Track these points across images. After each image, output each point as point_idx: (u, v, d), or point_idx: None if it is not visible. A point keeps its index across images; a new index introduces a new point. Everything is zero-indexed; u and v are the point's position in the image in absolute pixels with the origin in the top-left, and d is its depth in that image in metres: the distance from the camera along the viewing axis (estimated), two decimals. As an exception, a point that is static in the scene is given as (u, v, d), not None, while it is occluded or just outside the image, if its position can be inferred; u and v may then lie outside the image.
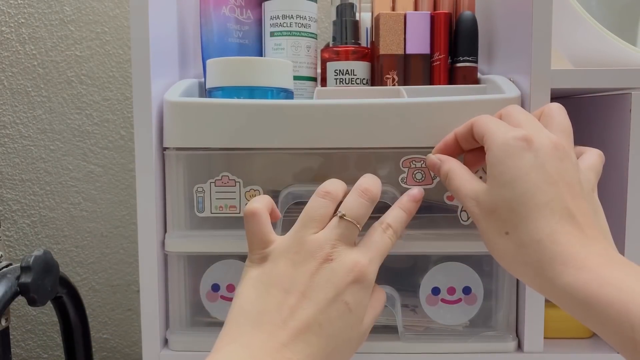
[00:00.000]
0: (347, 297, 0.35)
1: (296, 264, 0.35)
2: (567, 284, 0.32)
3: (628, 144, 0.46)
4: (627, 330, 0.29)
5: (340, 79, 0.53)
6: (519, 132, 0.35)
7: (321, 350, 0.34)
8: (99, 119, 0.83)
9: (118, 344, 0.89)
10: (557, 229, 0.33)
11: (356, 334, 0.36)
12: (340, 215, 0.37)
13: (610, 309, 0.30)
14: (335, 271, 0.35)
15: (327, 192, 0.38)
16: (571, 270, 0.32)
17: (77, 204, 0.85)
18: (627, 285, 0.30)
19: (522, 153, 0.35)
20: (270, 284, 0.35)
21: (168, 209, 0.47)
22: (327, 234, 0.36)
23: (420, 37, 0.53)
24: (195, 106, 0.44)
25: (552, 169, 0.34)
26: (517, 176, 0.35)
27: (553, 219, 0.33)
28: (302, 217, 0.37)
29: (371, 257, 0.37)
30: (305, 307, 0.34)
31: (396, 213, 0.39)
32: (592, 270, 0.31)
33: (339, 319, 0.35)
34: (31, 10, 0.82)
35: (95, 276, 0.87)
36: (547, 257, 0.33)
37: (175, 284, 0.48)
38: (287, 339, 0.33)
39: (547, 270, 0.33)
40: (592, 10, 0.53)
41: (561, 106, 0.39)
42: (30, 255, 0.58)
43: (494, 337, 0.47)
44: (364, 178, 0.39)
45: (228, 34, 0.54)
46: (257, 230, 0.37)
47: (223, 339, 0.34)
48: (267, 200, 0.39)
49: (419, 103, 0.44)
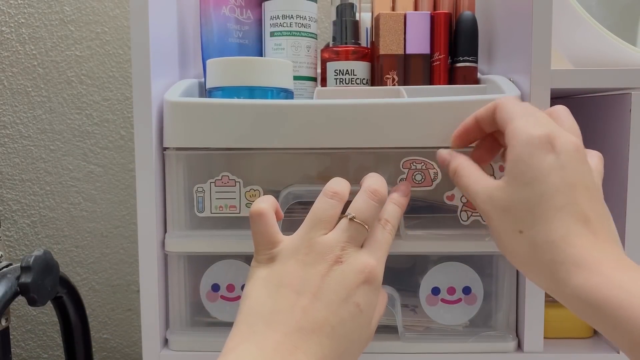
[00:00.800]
0: (358, 298, 0.35)
1: (306, 266, 0.35)
2: (579, 286, 0.32)
3: (628, 144, 0.46)
4: (637, 333, 0.29)
5: (340, 79, 0.53)
6: (544, 131, 0.35)
7: (333, 352, 0.34)
8: (99, 119, 0.83)
9: (118, 344, 0.89)
10: (572, 232, 0.33)
11: (365, 334, 0.36)
12: (350, 217, 0.37)
13: (620, 312, 0.30)
14: (345, 273, 0.35)
15: (335, 193, 0.37)
16: (583, 272, 0.32)
17: (77, 204, 0.85)
18: (638, 289, 0.30)
19: (545, 153, 0.34)
20: (280, 285, 0.35)
21: (168, 209, 0.47)
22: (336, 236, 0.36)
23: (420, 37, 0.53)
24: (195, 106, 0.44)
25: (572, 172, 0.34)
26: (537, 177, 0.34)
27: (569, 222, 0.33)
28: (311, 218, 0.37)
29: (379, 257, 0.37)
30: (318, 308, 0.34)
31: (391, 208, 0.40)
32: (604, 274, 0.31)
33: (350, 320, 0.35)
34: (31, 10, 0.82)
35: (95, 276, 0.87)
36: (560, 258, 0.33)
37: (175, 284, 0.48)
38: (300, 341, 0.33)
39: (559, 272, 0.33)
40: (592, 10, 0.53)
41: (567, 109, 0.39)
42: (30, 255, 0.58)
43: (494, 337, 0.47)
44: (371, 178, 0.39)
45: (228, 34, 0.54)
46: (264, 231, 0.37)
47: (234, 338, 0.34)
48: (272, 201, 0.39)
49: (419, 103, 0.44)
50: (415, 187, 0.45)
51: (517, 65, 0.47)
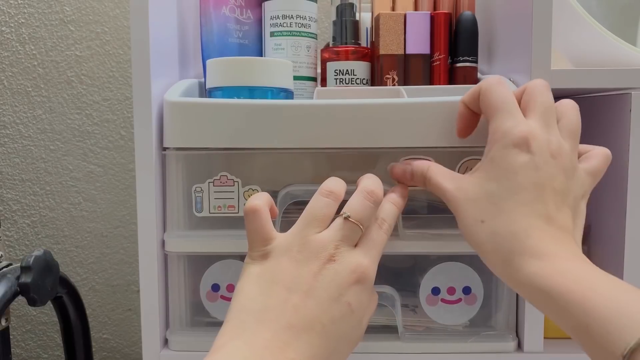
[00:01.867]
0: (349, 297, 0.35)
1: (299, 263, 0.35)
2: (532, 273, 0.33)
3: (628, 144, 0.46)
4: (580, 316, 0.30)
5: (340, 79, 0.53)
6: (522, 131, 0.36)
7: (323, 350, 0.34)
8: (99, 119, 0.83)
9: (118, 344, 0.89)
10: (533, 225, 0.35)
11: (355, 334, 0.36)
12: (345, 216, 0.37)
13: (567, 296, 0.31)
14: (338, 272, 0.35)
15: (331, 192, 0.37)
16: (538, 262, 0.33)
17: (77, 204, 0.85)
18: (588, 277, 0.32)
19: (519, 153, 0.35)
20: (272, 282, 0.35)
21: (167, 209, 0.47)
22: (330, 235, 0.36)
23: (420, 37, 0.53)
24: (195, 106, 0.44)
25: (543, 173, 0.35)
26: (507, 174, 0.36)
27: (531, 216, 0.35)
28: (305, 216, 0.37)
29: (372, 257, 0.37)
30: (309, 306, 0.34)
31: (388, 207, 0.40)
32: (556, 264, 0.33)
33: (341, 319, 0.35)
34: (31, 10, 0.82)
35: (95, 276, 0.87)
36: (517, 247, 0.34)
37: (175, 284, 0.48)
38: (291, 339, 0.33)
39: (515, 260, 0.34)
40: (592, 10, 0.53)
41: (575, 105, 0.39)
42: (30, 255, 0.58)
43: (494, 337, 0.47)
44: (367, 179, 0.39)
45: (228, 34, 0.54)
46: (258, 227, 0.37)
47: (224, 335, 0.34)
48: (266, 197, 0.39)
49: (419, 103, 0.44)
50: (414, 187, 0.45)
51: (517, 65, 0.47)
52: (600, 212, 0.50)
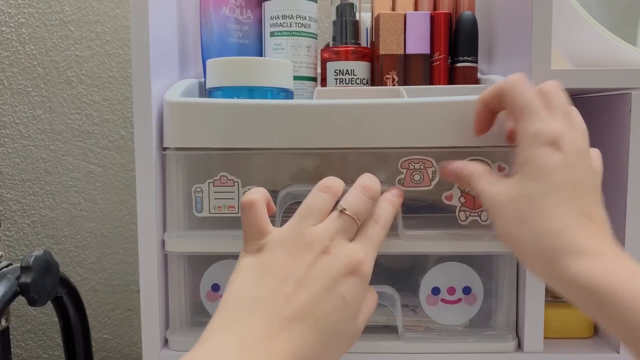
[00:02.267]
0: (343, 290, 0.35)
1: (293, 255, 0.35)
2: (579, 272, 0.32)
3: (628, 144, 0.46)
4: (633, 318, 0.29)
5: (340, 79, 0.53)
6: (553, 131, 0.36)
7: (314, 342, 0.34)
8: (99, 119, 0.83)
9: (118, 344, 0.89)
10: (575, 223, 0.34)
11: (350, 329, 0.36)
12: (341, 209, 0.37)
13: (618, 297, 0.30)
14: (332, 264, 0.35)
15: (328, 187, 0.38)
16: (585, 260, 0.33)
17: (77, 204, 0.85)
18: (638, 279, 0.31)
19: (553, 152, 0.35)
20: (265, 272, 0.35)
21: (167, 209, 0.47)
22: (326, 227, 0.36)
23: (420, 37, 0.53)
24: (195, 106, 0.44)
25: (578, 172, 0.35)
26: (543, 173, 0.35)
27: (572, 214, 0.34)
28: (301, 210, 0.37)
29: (367, 251, 0.37)
30: (301, 296, 0.34)
31: (385, 205, 0.40)
32: (604, 263, 0.32)
33: (334, 311, 0.34)
34: (31, 10, 0.82)
35: (95, 276, 0.87)
36: (561, 246, 0.34)
37: (175, 284, 0.48)
38: (281, 328, 0.33)
39: (560, 259, 0.33)
40: (592, 10, 0.53)
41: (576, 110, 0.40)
42: (30, 255, 0.58)
43: (494, 337, 0.47)
44: (364, 176, 0.39)
45: (228, 34, 0.54)
46: (254, 221, 0.37)
47: (214, 325, 0.33)
48: (263, 192, 0.39)
49: (419, 103, 0.44)
50: (414, 187, 0.45)
51: (517, 65, 0.47)
52: (600, 212, 0.50)
